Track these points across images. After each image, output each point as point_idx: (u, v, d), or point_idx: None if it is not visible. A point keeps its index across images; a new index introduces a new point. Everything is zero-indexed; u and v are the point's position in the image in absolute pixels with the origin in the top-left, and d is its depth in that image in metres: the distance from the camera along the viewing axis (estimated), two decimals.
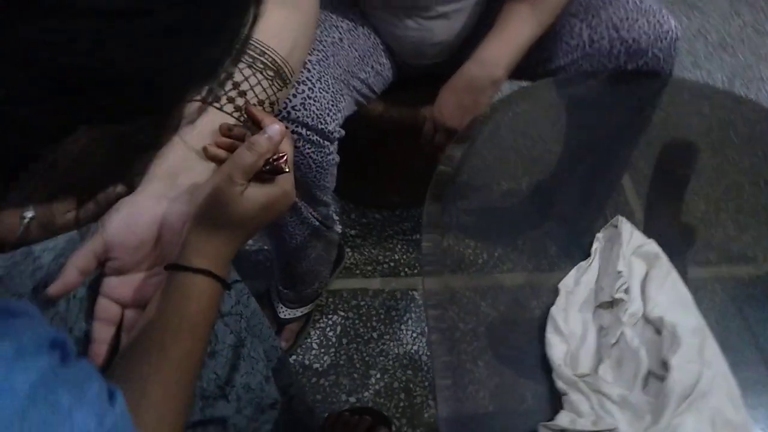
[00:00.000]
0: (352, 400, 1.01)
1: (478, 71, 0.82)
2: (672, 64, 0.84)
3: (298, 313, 1.03)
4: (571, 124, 0.99)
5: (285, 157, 0.51)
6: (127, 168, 0.29)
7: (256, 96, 0.58)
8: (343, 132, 0.80)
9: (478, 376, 0.61)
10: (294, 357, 1.05)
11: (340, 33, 0.81)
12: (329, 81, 0.73)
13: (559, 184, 1.04)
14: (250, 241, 1.21)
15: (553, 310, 0.59)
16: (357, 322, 1.10)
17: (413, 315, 1.11)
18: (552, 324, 0.58)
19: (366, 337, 1.08)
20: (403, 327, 1.10)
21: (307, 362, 1.04)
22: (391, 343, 1.08)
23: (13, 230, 0.65)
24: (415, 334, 1.09)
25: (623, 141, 0.97)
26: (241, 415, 0.63)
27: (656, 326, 0.57)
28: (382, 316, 1.11)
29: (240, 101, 0.57)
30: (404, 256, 1.18)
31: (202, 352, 0.50)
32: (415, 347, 1.07)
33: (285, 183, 0.51)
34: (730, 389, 0.55)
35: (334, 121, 0.74)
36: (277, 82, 0.59)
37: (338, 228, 1.02)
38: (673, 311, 0.58)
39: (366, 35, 0.87)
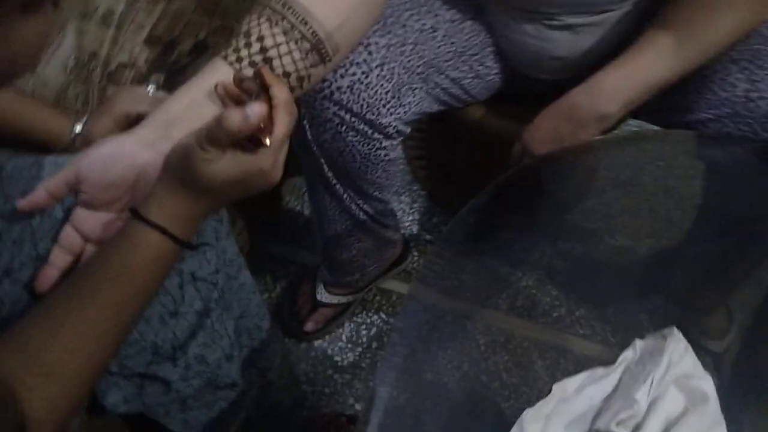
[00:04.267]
0: (358, 407, 0.95)
1: (585, 100, 0.68)
2: None
3: (335, 300, 0.99)
4: (707, 192, 0.80)
5: (270, 130, 0.46)
6: None
7: (283, 66, 0.53)
8: (406, 129, 0.72)
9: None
10: (319, 342, 1.01)
11: (437, 21, 0.72)
12: (395, 70, 0.65)
13: (683, 259, 0.86)
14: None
15: (528, 414, 0.47)
16: None
17: (457, 343, 1.01)
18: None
19: None
20: None
21: (329, 352, 1.01)
22: None
23: (61, 136, 0.69)
24: (450, 366, 0.99)
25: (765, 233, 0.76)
26: (187, 383, 0.61)
27: None
28: None
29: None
30: (471, 278, 1.07)
31: (139, 305, 0.49)
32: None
33: (263, 160, 0.46)
34: None
35: (391, 114, 0.67)
36: (313, 58, 0.54)
37: (398, 227, 0.95)
38: None
39: (474, 32, 0.77)
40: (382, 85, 0.64)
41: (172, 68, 0.75)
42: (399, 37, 0.66)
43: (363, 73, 0.62)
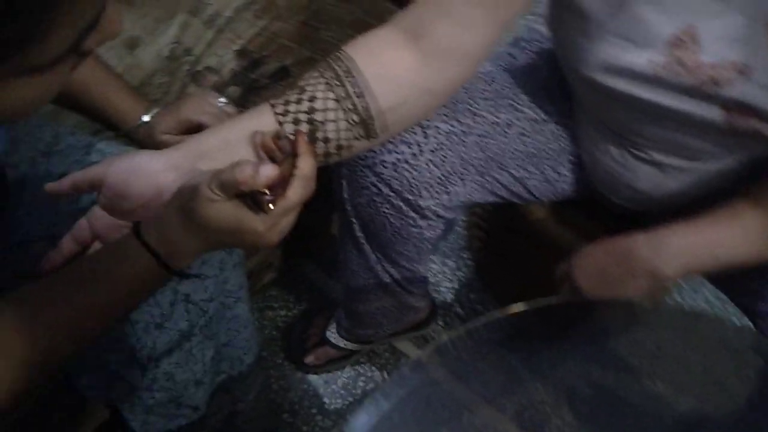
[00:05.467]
0: None
1: (645, 251, 0.61)
2: None
3: (341, 344, 0.97)
4: (761, 389, 0.70)
5: (275, 200, 0.46)
6: None
7: (326, 131, 0.52)
8: (448, 214, 0.69)
9: None
10: (315, 377, 1.00)
11: (515, 118, 0.68)
12: (449, 158, 0.62)
13: None
14: None
15: None
16: None
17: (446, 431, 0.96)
18: None
19: None
20: None
21: (321, 391, 0.99)
22: None
23: (128, 120, 0.72)
24: None
25: None
26: (150, 394, 0.62)
27: None
28: None
29: (303, 128, 0.52)
30: (487, 369, 1.01)
31: (113, 315, 0.50)
32: None
33: (260, 222, 0.46)
34: None
35: (433, 198, 0.64)
36: (358, 131, 0.52)
37: (426, 295, 0.91)
38: None
39: (555, 137, 0.72)
40: (430, 170, 0.61)
41: (251, 85, 0.77)
42: (464, 126, 0.63)
43: (412, 154, 0.60)
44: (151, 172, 0.51)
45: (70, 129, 0.63)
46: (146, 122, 0.71)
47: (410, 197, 0.62)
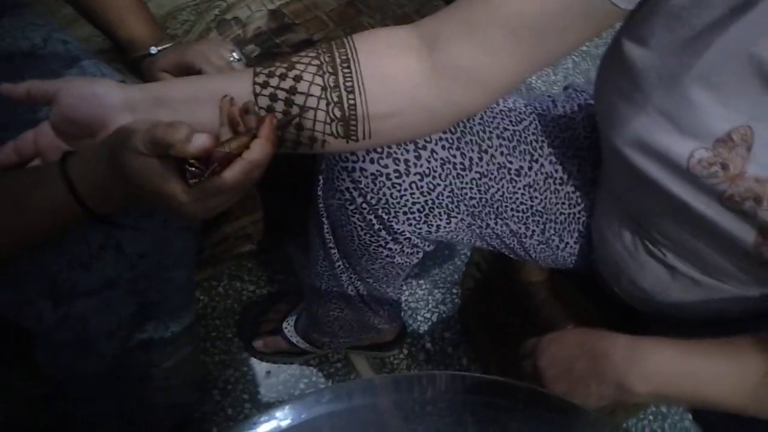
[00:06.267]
0: None
1: (618, 357, 0.53)
2: None
3: (294, 339, 0.92)
4: None
5: (206, 174, 0.41)
6: None
7: (300, 118, 0.46)
8: (424, 245, 0.62)
9: None
10: (258, 363, 0.95)
11: (529, 168, 0.61)
12: (438, 189, 0.55)
13: None
14: None
15: None
16: None
17: None
18: None
19: None
20: None
21: (259, 378, 0.94)
22: None
23: (137, 48, 0.68)
24: None
25: None
26: (60, 331, 0.59)
27: None
28: None
29: (279, 107, 0.46)
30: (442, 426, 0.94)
31: (17, 240, 0.48)
32: None
33: (180, 191, 0.43)
34: None
35: (409, 225, 0.57)
36: (336, 128, 0.47)
37: (394, 318, 0.85)
38: None
39: (569, 201, 0.64)
40: (412, 194, 0.55)
41: (271, 50, 0.72)
42: (466, 160, 0.56)
43: (396, 172, 0.53)
44: (104, 105, 0.47)
45: (64, 37, 0.60)
46: (152, 54, 0.67)
47: (384, 216, 0.56)
